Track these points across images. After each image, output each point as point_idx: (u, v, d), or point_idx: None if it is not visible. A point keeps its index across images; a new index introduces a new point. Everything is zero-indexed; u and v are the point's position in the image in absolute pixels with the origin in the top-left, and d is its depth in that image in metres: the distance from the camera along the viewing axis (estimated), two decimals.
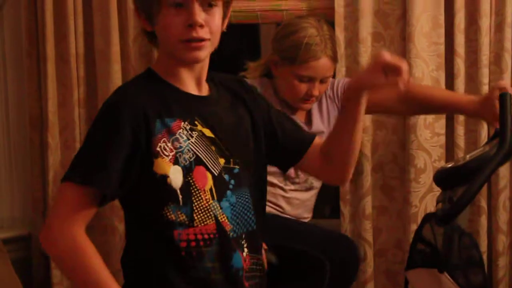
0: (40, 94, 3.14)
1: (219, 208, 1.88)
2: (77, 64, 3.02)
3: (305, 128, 2.55)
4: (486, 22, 2.81)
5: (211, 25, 1.74)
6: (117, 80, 3.01)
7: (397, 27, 2.92)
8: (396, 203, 2.97)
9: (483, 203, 2.87)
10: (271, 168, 2.15)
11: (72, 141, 3.11)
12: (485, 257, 2.87)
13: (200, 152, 1.85)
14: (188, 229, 1.77)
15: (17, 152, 3.30)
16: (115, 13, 2.99)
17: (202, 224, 1.83)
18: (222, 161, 1.89)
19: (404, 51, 2.88)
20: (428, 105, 2.68)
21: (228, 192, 1.91)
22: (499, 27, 2.83)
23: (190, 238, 1.77)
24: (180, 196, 1.77)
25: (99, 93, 3.10)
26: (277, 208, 2.68)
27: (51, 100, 3.07)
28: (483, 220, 2.87)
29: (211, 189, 1.88)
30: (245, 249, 1.92)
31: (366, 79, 1.91)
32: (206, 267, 1.87)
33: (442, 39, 2.85)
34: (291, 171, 2.60)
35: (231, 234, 1.90)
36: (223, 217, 1.88)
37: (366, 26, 2.85)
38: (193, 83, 1.82)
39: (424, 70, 2.86)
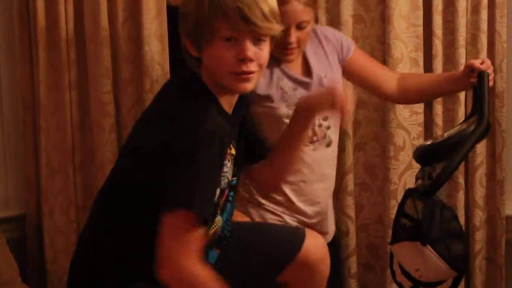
0: (33, 78, 3.09)
1: (220, 220, 2.02)
2: (68, 48, 2.98)
3: (306, 79, 2.53)
4: (463, 4, 2.85)
5: (260, 59, 1.81)
6: (106, 63, 2.95)
7: (377, 9, 2.92)
8: (377, 180, 3.01)
9: (461, 179, 2.92)
10: None
11: (63, 123, 3.07)
12: None
13: (230, 176, 1.96)
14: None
15: (11, 134, 3.27)
16: None
17: (207, 236, 1.93)
18: (233, 178, 2.04)
19: (384, 33, 2.90)
20: (426, 91, 2.66)
21: (228, 205, 2.05)
22: (475, 8, 2.85)
23: None
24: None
25: (90, 76, 3.05)
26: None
27: (43, 84, 3.04)
28: (461, 195, 2.93)
29: (221, 205, 2.01)
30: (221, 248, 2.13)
31: (315, 104, 2.03)
32: None
33: (420, 21, 2.88)
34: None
35: (216, 236, 2.04)
36: (219, 227, 2.01)
37: (347, 8, 2.87)
38: (229, 104, 1.91)
39: (403, 51, 2.89)
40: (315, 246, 2.27)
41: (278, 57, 2.54)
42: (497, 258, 2.99)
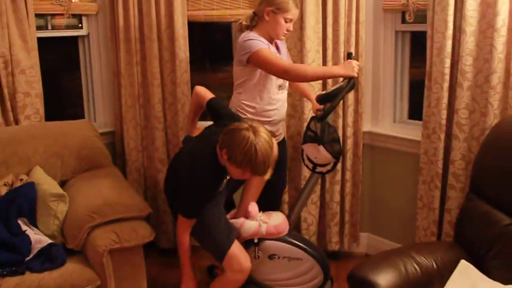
0: (117, 59, 3.65)
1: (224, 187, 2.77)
2: (135, 42, 3.61)
3: (279, 53, 2.99)
4: (342, 21, 3.34)
5: None
6: (155, 51, 3.55)
7: (298, 23, 3.30)
8: (298, 112, 3.52)
9: (340, 112, 3.46)
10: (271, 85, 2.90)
11: (132, 82, 3.68)
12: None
13: (224, 183, 2.77)
14: None
15: (106, 89, 3.89)
16: None
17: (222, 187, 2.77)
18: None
19: (301, 35, 3.36)
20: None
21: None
22: (349, 24, 3.37)
23: None
24: None
25: (147, 58, 3.60)
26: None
27: (123, 62, 3.63)
28: (340, 121, 3.50)
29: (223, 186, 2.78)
30: None
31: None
32: None
33: (320, 30, 3.36)
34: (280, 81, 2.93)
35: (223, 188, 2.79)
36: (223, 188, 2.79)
37: None
38: None
39: (311, 45, 3.36)
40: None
41: (277, 38, 2.96)
42: (358, 152, 3.55)
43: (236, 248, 2.66)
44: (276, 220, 2.86)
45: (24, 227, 2.67)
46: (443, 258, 2.22)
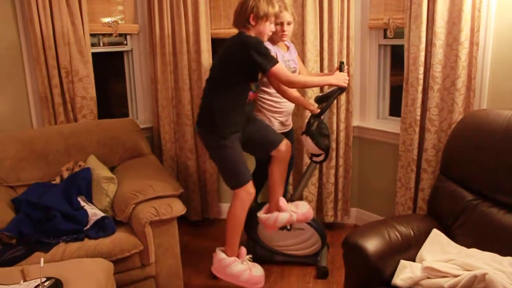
0: (155, 68, 3.60)
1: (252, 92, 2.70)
2: (168, 55, 3.54)
3: (287, 56, 2.90)
4: (336, 36, 3.27)
5: None
6: (185, 62, 3.53)
7: (300, 38, 3.30)
8: (299, 111, 3.43)
9: (334, 111, 3.39)
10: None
11: (167, 87, 3.63)
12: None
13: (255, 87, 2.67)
14: None
15: (145, 93, 3.82)
16: None
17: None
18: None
19: (303, 48, 3.29)
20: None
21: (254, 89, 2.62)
22: (341, 40, 3.30)
23: None
24: None
25: (178, 68, 3.57)
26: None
27: (159, 71, 3.57)
28: (334, 118, 3.43)
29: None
30: None
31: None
32: None
33: (318, 44, 3.31)
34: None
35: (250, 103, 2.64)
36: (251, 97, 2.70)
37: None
38: None
39: (311, 56, 3.32)
40: (286, 143, 2.71)
41: (280, 40, 2.85)
42: (348, 143, 3.50)
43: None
44: (303, 209, 2.81)
45: (82, 203, 2.68)
46: (418, 227, 2.23)
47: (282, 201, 2.76)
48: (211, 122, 2.49)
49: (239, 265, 2.53)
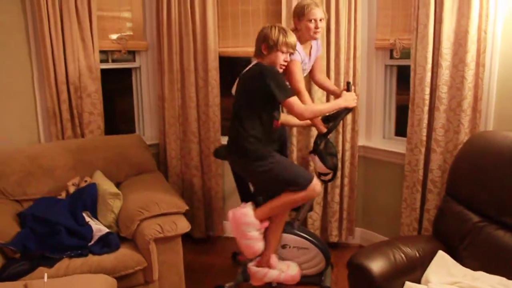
0: (162, 86, 3.58)
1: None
2: (176, 73, 3.55)
3: (307, 64, 2.85)
4: (343, 47, 3.24)
5: None
6: (192, 80, 3.52)
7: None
8: (306, 130, 3.38)
9: (340, 130, 3.36)
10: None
11: (174, 105, 3.62)
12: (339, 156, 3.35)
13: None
14: None
15: (153, 110, 3.81)
16: None
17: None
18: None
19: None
20: (324, 88, 3.06)
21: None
22: (348, 54, 3.27)
23: None
24: None
25: (185, 86, 3.55)
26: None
27: (166, 88, 3.56)
28: (340, 138, 3.40)
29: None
30: None
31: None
32: None
33: (324, 54, 3.21)
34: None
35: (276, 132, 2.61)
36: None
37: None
38: None
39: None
40: (316, 183, 2.54)
41: (311, 38, 2.77)
42: (354, 162, 3.47)
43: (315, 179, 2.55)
44: (293, 271, 2.77)
45: (87, 219, 2.69)
46: (424, 249, 2.21)
47: (274, 259, 2.74)
48: (246, 151, 2.47)
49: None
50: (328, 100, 3.24)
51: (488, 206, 2.19)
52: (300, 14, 2.70)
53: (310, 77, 3.04)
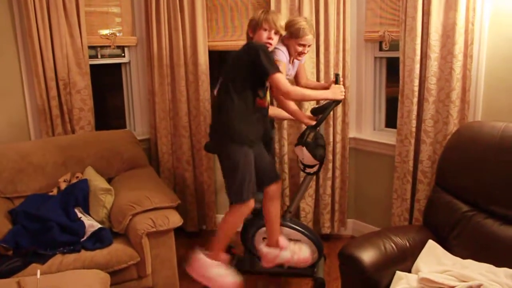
0: (152, 80, 3.58)
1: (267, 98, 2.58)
2: (166, 68, 3.54)
3: (290, 71, 2.88)
4: (332, 47, 3.27)
5: None
6: (182, 74, 3.49)
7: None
8: (297, 123, 3.40)
9: (330, 122, 3.39)
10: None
11: (164, 99, 3.61)
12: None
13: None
14: None
15: (143, 105, 3.79)
16: None
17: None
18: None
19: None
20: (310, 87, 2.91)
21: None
22: (337, 51, 3.30)
23: None
24: None
25: (175, 80, 3.54)
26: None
27: (157, 83, 3.55)
28: (331, 129, 3.42)
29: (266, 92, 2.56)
30: None
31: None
32: None
33: (314, 56, 3.28)
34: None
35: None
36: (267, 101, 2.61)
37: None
38: None
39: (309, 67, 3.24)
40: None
41: (297, 58, 2.83)
42: (345, 154, 3.50)
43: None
44: (305, 254, 2.74)
45: (79, 215, 2.69)
46: (414, 239, 2.23)
47: (283, 240, 2.70)
48: (225, 126, 2.40)
49: (220, 269, 2.43)
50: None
51: (477, 195, 2.21)
52: (294, 34, 2.73)
53: (296, 84, 3.05)
